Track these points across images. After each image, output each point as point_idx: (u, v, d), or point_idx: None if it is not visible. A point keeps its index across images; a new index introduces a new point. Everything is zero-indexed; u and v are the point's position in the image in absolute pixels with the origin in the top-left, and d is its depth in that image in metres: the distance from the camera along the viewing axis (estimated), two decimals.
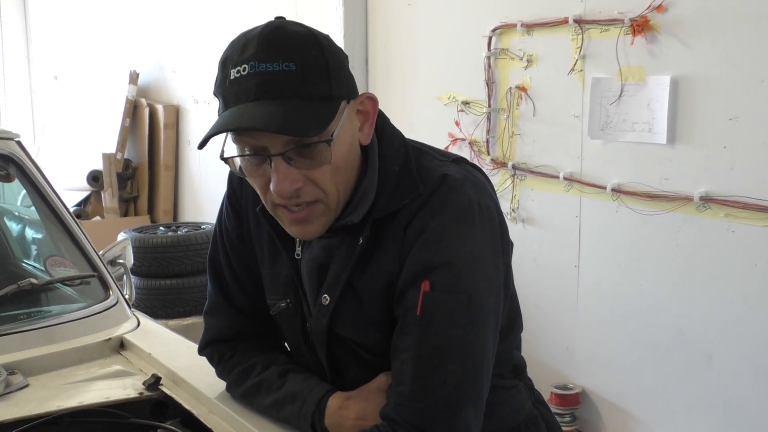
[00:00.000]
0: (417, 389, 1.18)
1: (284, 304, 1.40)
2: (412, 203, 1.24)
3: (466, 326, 1.19)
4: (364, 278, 1.28)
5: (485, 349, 1.22)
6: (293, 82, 1.14)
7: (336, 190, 1.22)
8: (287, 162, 1.17)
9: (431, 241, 1.21)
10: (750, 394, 2.83)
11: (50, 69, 7.76)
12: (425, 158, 1.31)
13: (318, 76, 1.16)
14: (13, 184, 2.25)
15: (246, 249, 1.46)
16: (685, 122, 2.91)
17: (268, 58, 1.14)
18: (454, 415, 1.17)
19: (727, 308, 2.86)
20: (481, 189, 1.28)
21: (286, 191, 1.18)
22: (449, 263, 1.20)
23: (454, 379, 1.17)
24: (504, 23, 3.53)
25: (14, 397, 1.61)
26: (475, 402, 1.20)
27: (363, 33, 4.30)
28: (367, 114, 1.26)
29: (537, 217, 3.53)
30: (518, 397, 1.45)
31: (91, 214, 6.17)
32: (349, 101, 1.22)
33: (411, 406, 1.18)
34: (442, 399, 1.17)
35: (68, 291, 2.11)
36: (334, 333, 1.33)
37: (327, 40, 1.21)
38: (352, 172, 1.26)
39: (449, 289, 1.19)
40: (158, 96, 6.30)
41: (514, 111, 3.54)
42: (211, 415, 1.51)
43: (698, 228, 2.91)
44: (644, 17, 2.96)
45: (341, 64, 1.21)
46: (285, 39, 1.16)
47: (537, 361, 3.50)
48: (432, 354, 1.18)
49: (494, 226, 1.27)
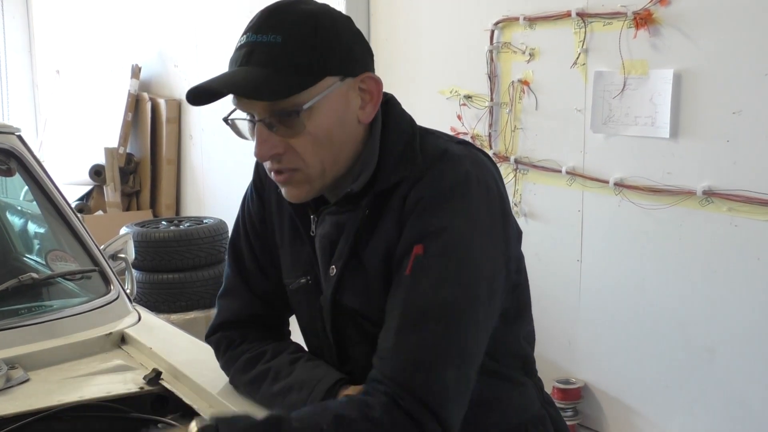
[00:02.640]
0: (398, 345, 1.19)
1: (304, 281, 1.42)
2: (411, 174, 1.27)
3: (453, 289, 1.20)
4: (368, 249, 1.30)
5: (476, 313, 1.21)
6: (273, 53, 1.21)
7: (319, 162, 1.26)
8: (269, 128, 1.24)
9: (427, 209, 1.23)
10: (752, 388, 2.82)
11: (52, 63, 7.76)
12: (430, 138, 1.34)
13: (299, 50, 1.21)
14: (14, 178, 2.24)
15: (267, 232, 1.49)
16: (688, 116, 2.91)
17: (260, 30, 1.22)
18: (433, 372, 1.17)
19: (730, 302, 2.85)
20: (481, 165, 1.30)
21: (263, 155, 1.25)
22: (443, 229, 1.22)
23: (434, 338, 1.18)
24: (506, 17, 3.52)
25: (15, 391, 1.61)
26: (458, 364, 1.19)
27: (365, 26, 4.29)
28: (371, 93, 1.30)
29: (539, 211, 3.52)
30: (526, 395, 1.44)
31: (93, 208, 6.17)
32: (345, 78, 1.25)
33: (391, 361, 1.19)
34: (421, 356, 1.17)
35: (69, 285, 2.11)
36: (341, 304, 1.35)
37: (333, 20, 1.26)
38: (341, 146, 1.28)
39: (440, 253, 1.21)
40: (160, 90, 6.30)
41: (517, 105, 3.54)
42: (212, 409, 1.51)
43: (701, 222, 2.90)
44: (647, 10, 2.95)
45: (339, 41, 1.25)
46: (283, 14, 1.24)
47: (539, 355, 3.46)
48: (416, 312, 1.20)
49: (492, 199, 1.28)
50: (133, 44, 6.53)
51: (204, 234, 4.69)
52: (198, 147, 5.89)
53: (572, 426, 3.35)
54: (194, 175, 6.00)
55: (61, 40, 7.63)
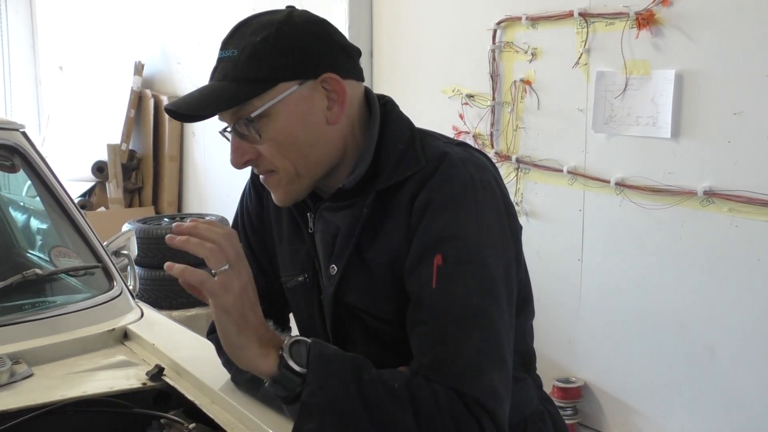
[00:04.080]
0: (440, 358, 1.19)
1: (302, 278, 1.43)
2: (416, 176, 1.28)
3: (481, 294, 1.22)
4: (372, 248, 1.31)
5: (502, 316, 1.23)
6: (230, 68, 1.26)
7: (289, 164, 1.30)
8: (240, 137, 1.29)
9: (438, 214, 1.24)
10: (752, 387, 2.83)
11: (56, 60, 7.76)
12: (430, 139, 1.36)
13: (249, 61, 1.25)
14: (18, 174, 2.25)
15: (265, 229, 1.50)
16: (689, 116, 2.91)
17: (225, 46, 1.29)
18: (484, 377, 1.18)
19: (730, 303, 2.86)
20: (483, 169, 1.31)
21: (235, 162, 1.31)
22: (458, 235, 1.23)
23: (475, 345, 1.19)
24: (509, 16, 3.52)
25: (19, 386, 1.62)
26: (500, 368, 1.21)
27: (368, 25, 4.29)
28: (337, 93, 1.30)
29: (540, 210, 3.53)
30: (526, 390, 1.45)
31: (95, 204, 6.18)
32: (305, 82, 1.27)
33: (440, 371, 1.18)
34: (468, 363, 1.18)
35: (72, 281, 2.11)
36: (343, 302, 1.36)
37: (292, 27, 1.27)
38: (311, 148, 1.30)
39: (462, 260, 1.22)
40: (163, 87, 6.30)
41: (519, 104, 3.54)
42: (214, 405, 1.51)
43: (702, 222, 2.91)
44: (649, 11, 2.96)
45: (293, 48, 1.26)
46: (244, 27, 1.29)
47: (539, 354, 3.47)
48: (452, 323, 1.20)
49: (498, 201, 1.30)
50: (136, 41, 6.54)
51: None
52: (200, 144, 5.89)
53: (572, 425, 3.35)
54: (196, 172, 6.01)
55: (65, 37, 7.64)
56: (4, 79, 8.20)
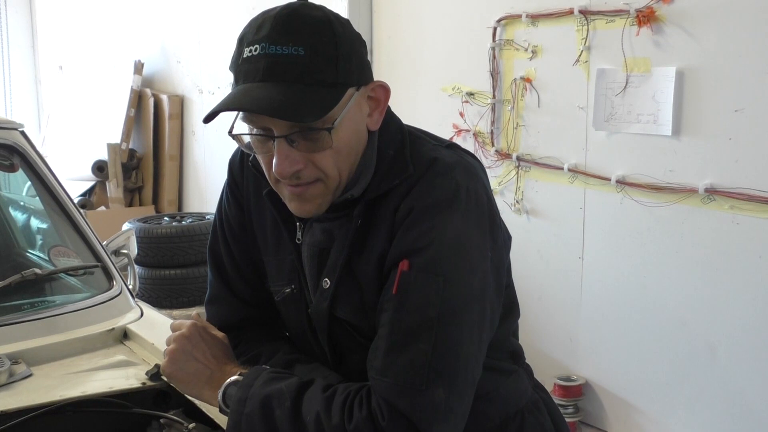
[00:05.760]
0: (387, 364, 1.19)
1: (289, 290, 1.41)
2: (402, 184, 1.26)
3: (440, 307, 1.19)
4: (360, 260, 1.29)
5: (463, 332, 1.20)
6: (299, 67, 1.16)
7: (338, 173, 1.25)
8: (289, 144, 1.20)
9: (415, 223, 1.22)
10: (753, 385, 2.83)
11: (55, 59, 7.76)
12: (419, 143, 1.32)
13: (325, 63, 1.18)
14: (17, 174, 2.24)
15: (247, 237, 1.46)
16: (690, 114, 2.90)
17: (279, 41, 1.17)
18: (421, 393, 1.16)
19: (731, 300, 2.85)
20: (471, 174, 1.28)
21: (285, 172, 1.21)
22: (429, 245, 1.21)
23: (422, 358, 1.17)
24: (509, 14, 3.52)
25: (18, 386, 1.62)
26: (448, 383, 1.18)
27: (368, 23, 4.29)
28: (378, 101, 1.28)
29: (541, 208, 3.52)
30: (519, 381, 1.46)
31: (95, 204, 6.18)
32: (359, 88, 1.24)
33: (381, 380, 1.18)
34: (410, 377, 1.17)
35: (72, 281, 2.11)
36: (335, 317, 1.34)
37: (343, 26, 1.23)
38: (356, 155, 1.27)
39: (426, 270, 1.20)
40: (163, 86, 6.30)
41: (519, 102, 3.54)
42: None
43: (703, 220, 2.90)
44: (650, 8, 2.95)
45: (354, 50, 1.23)
46: (298, 22, 1.18)
47: (540, 352, 3.50)
48: (404, 332, 1.19)
49: (482, 211, 1.27)
50: (136, 40, 6.53)
51: (206, 230, 4.69)
52: (200, 143, 5.89)
53: (573, 423, 3.35)
54: (196, 171, 6.00)
55: (64, 36, 7.63)
56: (4, 78, 8.20)
